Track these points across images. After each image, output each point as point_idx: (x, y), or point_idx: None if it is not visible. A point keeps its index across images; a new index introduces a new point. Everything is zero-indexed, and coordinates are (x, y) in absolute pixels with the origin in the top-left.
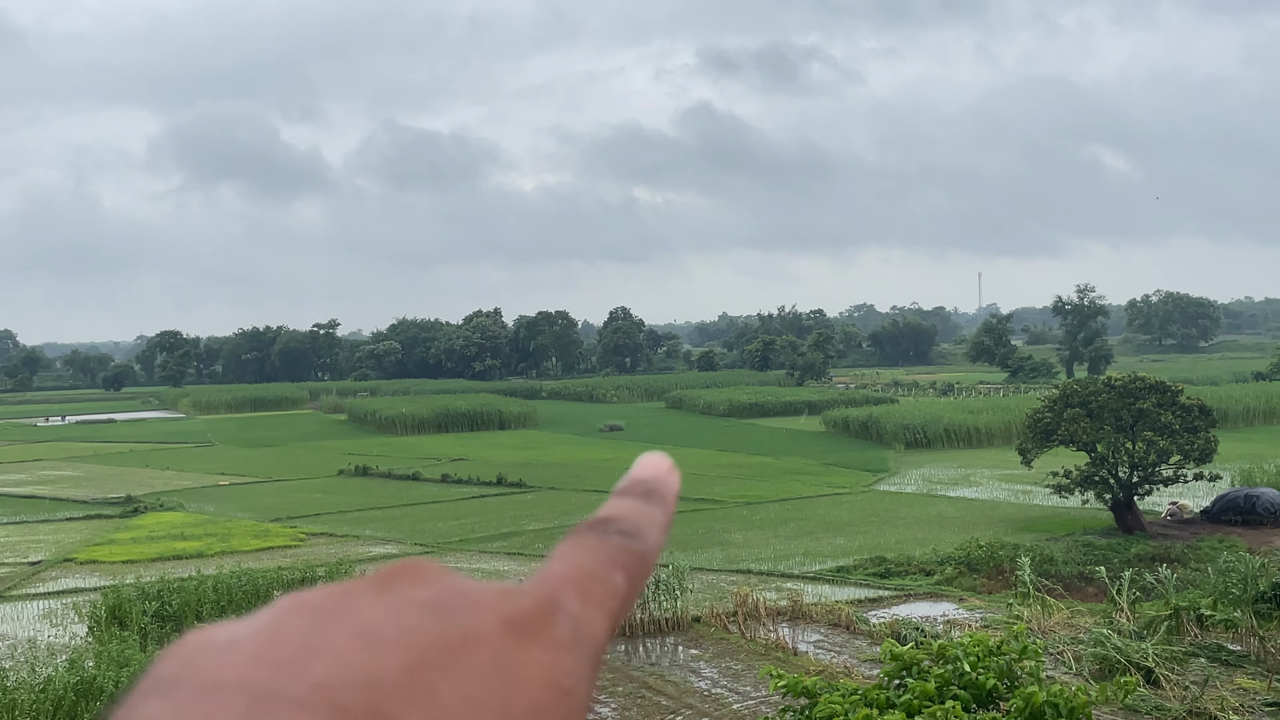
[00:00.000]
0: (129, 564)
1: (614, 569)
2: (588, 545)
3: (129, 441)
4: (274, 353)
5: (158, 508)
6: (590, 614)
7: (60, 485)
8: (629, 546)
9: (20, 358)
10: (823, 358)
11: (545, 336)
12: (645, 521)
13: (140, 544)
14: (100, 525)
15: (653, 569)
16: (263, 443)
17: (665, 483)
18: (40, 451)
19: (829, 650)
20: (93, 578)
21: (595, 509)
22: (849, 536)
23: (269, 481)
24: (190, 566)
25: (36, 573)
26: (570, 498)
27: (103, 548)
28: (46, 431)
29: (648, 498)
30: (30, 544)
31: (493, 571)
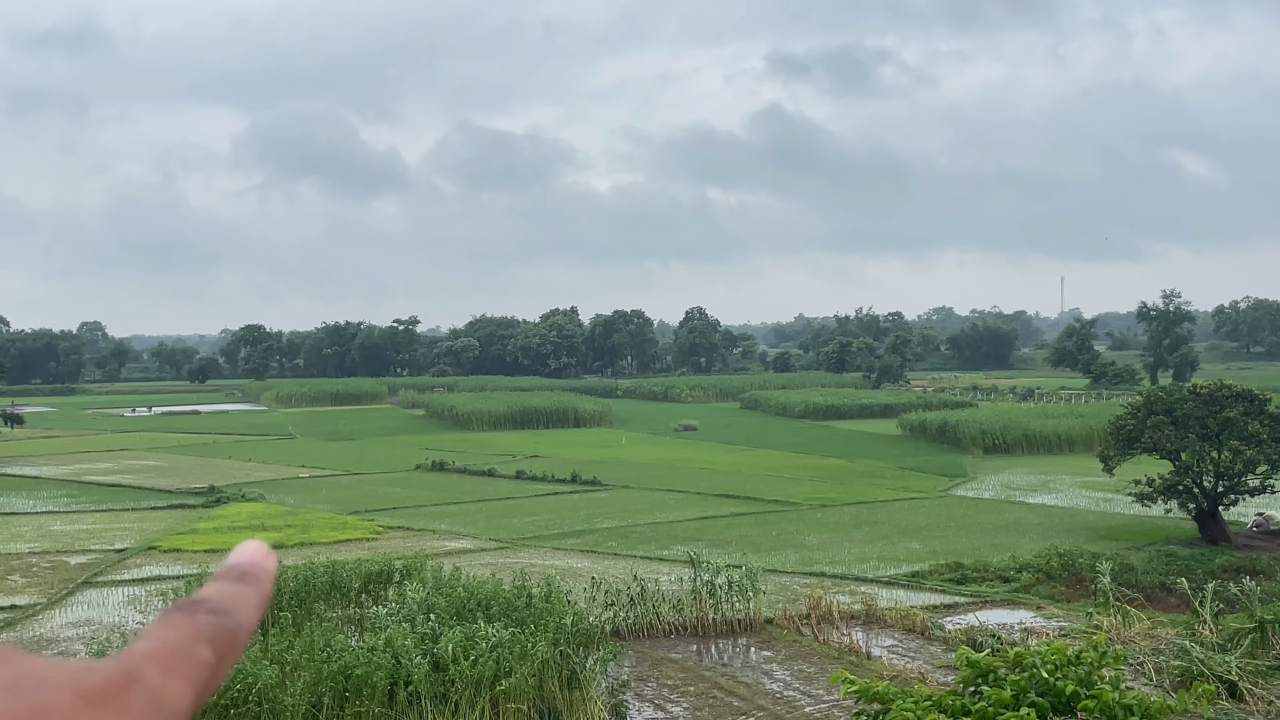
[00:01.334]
0: (211, 553)
1: (200, 644)
2: (174, 623)
3: (212, 433)
4: (354, 348)
5: (239, 498)
6: (172, 685)
7: (145, 475)
8: (217, 623)
9: (109, 349)
10: (900, 360)
11: (621, 335)
12: (236, 601)
13: (222, 533)
14: (184, 515)
15: (245, 643)
16: (342, 436)
17: (261, 566)
18: (127, 441)
19: (903, 656)
20: (176, 566)
21: (665, 507)
22: (925, 541)
23: (347, 475)
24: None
25: (122, 560)
26: (644, 496)
27: (186, 536)
28: (133, 422)
29: (242, 580)
30: (116, 532)
31: (566, 568)
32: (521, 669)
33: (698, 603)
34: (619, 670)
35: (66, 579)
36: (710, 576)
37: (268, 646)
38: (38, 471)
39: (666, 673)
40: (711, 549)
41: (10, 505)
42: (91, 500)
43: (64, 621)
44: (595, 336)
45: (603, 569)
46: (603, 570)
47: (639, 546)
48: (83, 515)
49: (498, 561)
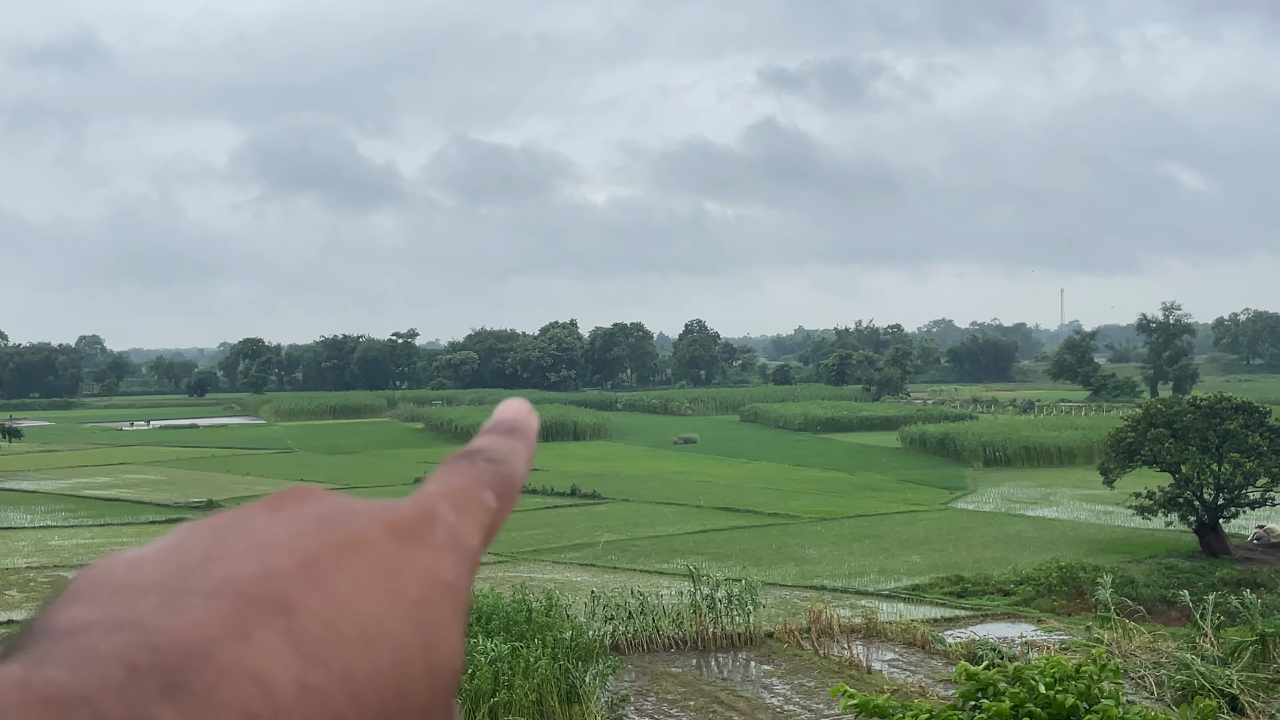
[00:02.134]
0: None
1: (484, 488)
2: (459, 469)
3: (211, 446)
4: (353, 361)
5: None
6: (465, 524)
7: (143, 489)
8: (497, 470)
9: (108, 363)
10: (900, 373)
11: (621, 348)
12: (510, 451)
13: None
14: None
15: (519, 490)
16: (341, 450)
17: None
18: (125, 455)
19: (903, 669)
20: None
21: (665, 521)
22: (925, 554)
23: (347, 488)
24: None
25: None
26: (644, 510)
27: None
28: (131, 435)
29: (511, 434)
30: (114, 546)
31: (565, 582)
32: (521, 683)
33: (697, 616)
34: (619, 684)
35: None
36: (710, 590)
37: None
38: (35, 486)
39: (666, 687)
40: (711, 562)
41: (8, 520)
42: (90, 515)
43: None
44: (595, 349)
45: (602, 582)
46: (602, 584)
47: (639, 560)
48: (81, 530)
49: (497, 575)
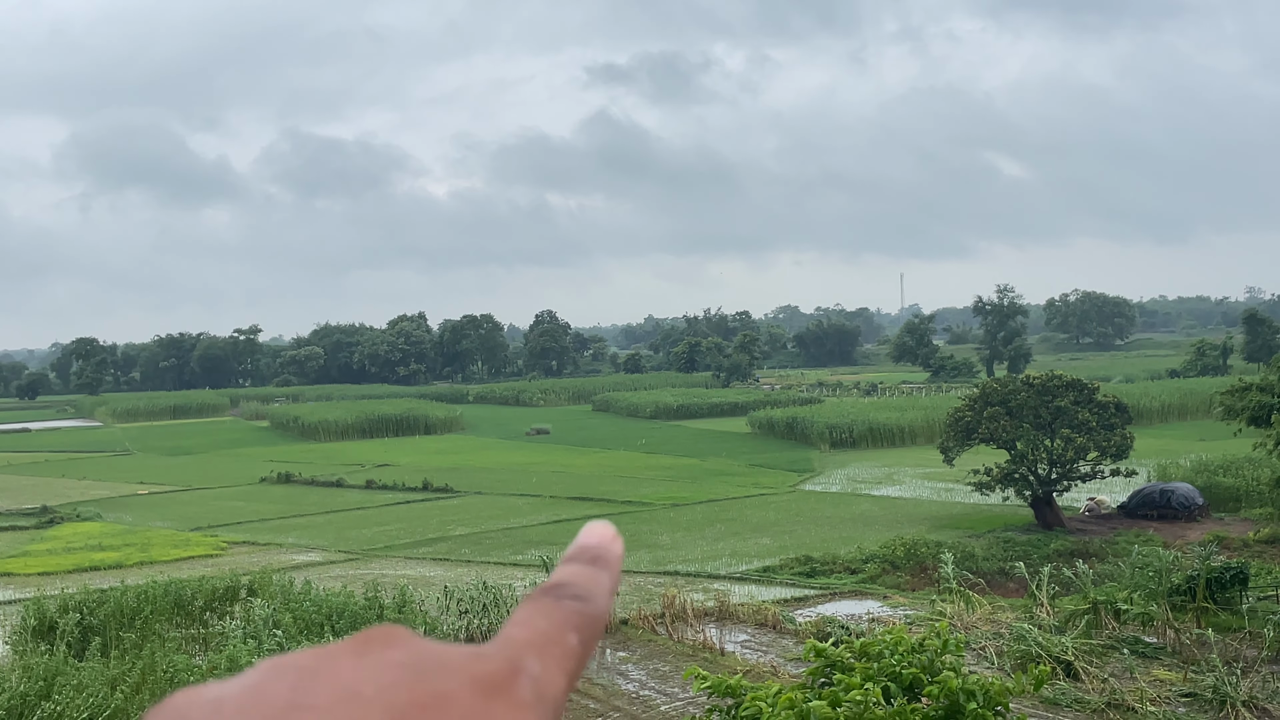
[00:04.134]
0: (45, 575)
1: (569, 631)
2: (544, 610)
3: (44, 451)
4: (193, 359)
5: (75, 518)
6: (550, 674)
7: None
8: (581, 609)
9: None
10: (748, 359)
11: (470, 340)
12: (595, 585)
13: (57, 555)
14: (14, 537)
15: (604, 628)
16: (182, 451)
17: (610, 549)
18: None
19: (756, 650)
20: (7, 590)
21: (518, 512)
22: (775, 536)
23: (189, 490)
24: (109, 578)
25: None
26: (497, 502)
27: (17, 560)
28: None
29: (595, 563)
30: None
31: (418, 578)
32: None
33: None
34: None
35: None
36: None
37: (108, 668)
38: None
39: None
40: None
41: None
42: None
43: None
44: (444, 342)
45: (456, 577)
46: (456, 578)
47: (492, 553)
48: None
49: (349, 573)
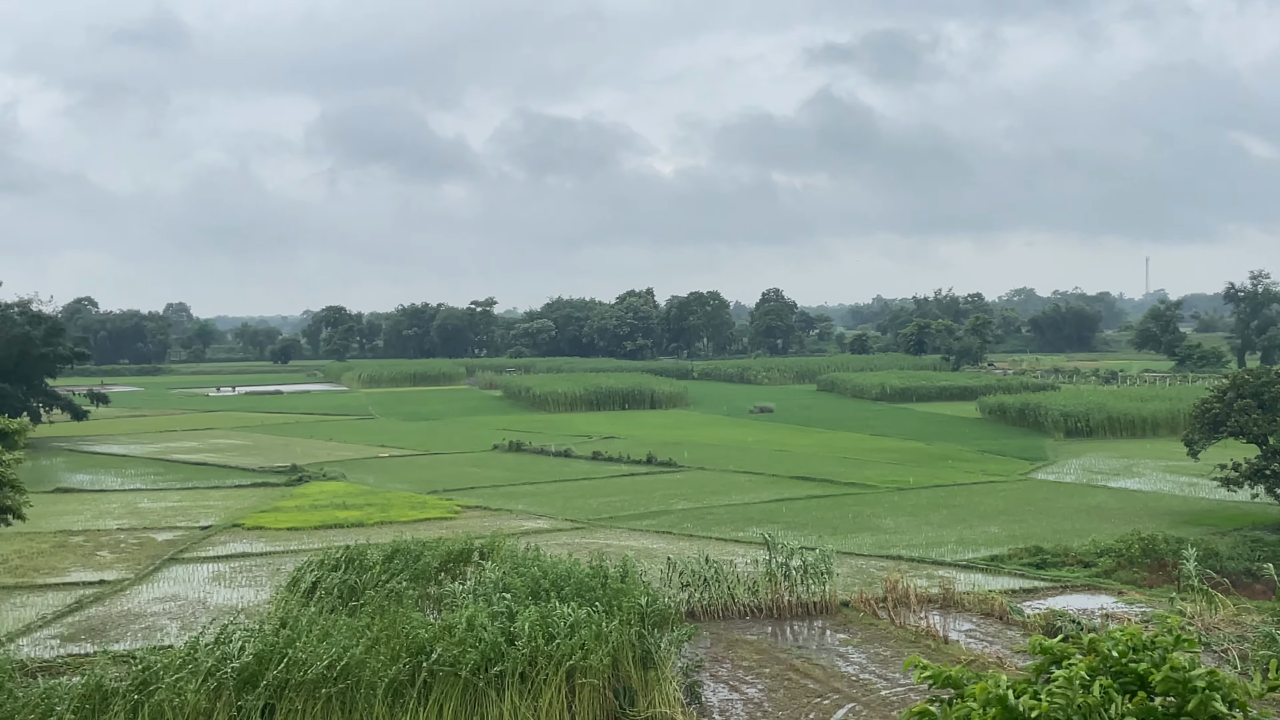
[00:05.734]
0: (293, 531)
1: None
2: None
3: (295, 413)
4: (433, 329)
5: (321, 477)
6: None
7: (230, 454)
8: None
9: (194, 330)
10: (980, 342)
11: (697, 317)
12: None
13: (304, 512)
14: (267, 493)
15: None
16: (421, 417)
17: None
18: (212, 421)
19: (981, 640)
20: (259, 543)
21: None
22: (1004, 525)
23: (426, 454)
24: (351, 535)
25: (207, 537)
26: (719, 478)
27: (269, 514)
28: (218, 402)
29: None
30: (201, 509)
31: (641, 549)
32: (597, 648)
33: (773, 584)
34: (694, 651)
35: (154, 555)
36: (785, 558)
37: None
38: (125, 450)
39: (742, 654)
40: (787, 531)
41: (99, 483)
42: (178, 478)
43: (150, 597)
44: (671, 318)
45: (678, 550)
46: (678, 551)
47: (714, 528)
48: (169, 493)
49: (574, 541)
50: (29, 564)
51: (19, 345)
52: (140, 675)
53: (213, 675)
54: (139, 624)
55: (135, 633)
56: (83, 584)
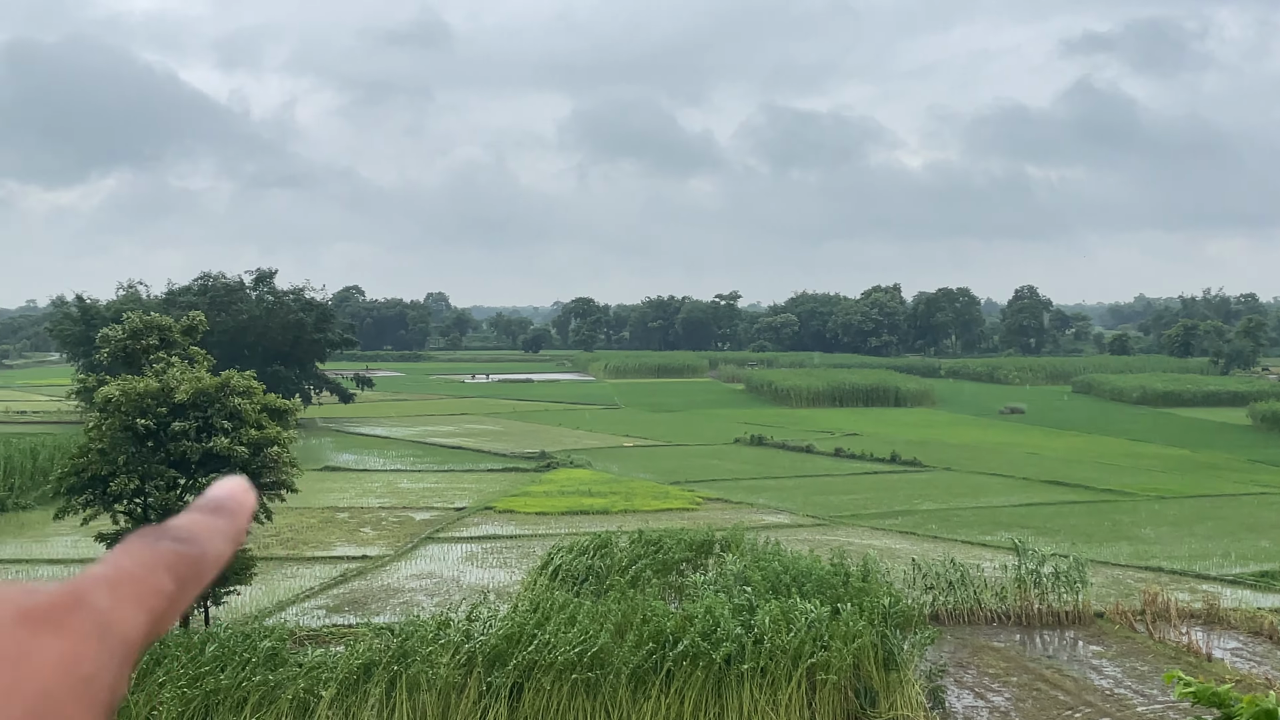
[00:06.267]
0: (541, 515)
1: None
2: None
3: (544, 401)
4: (677, 322)
5: (568, 464)
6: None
7: (483, 438)
8: (181, 551)
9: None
10: (1253, 345)
11: (945, 314)
12: (205, 531)
13: (552, 497)
14: (517, 478)
15: (209, 572)
16: (664, 408)
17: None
18: (466, 406)
19: (1248, 660)
20: (509, 526)
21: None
22: (1276, 540)
23: (669, 445)
24: (596, 522)
25: (461, 518)
26: (966, 479)
27: (518, 498)
28: (472, 388)
29: (215, 511)
30: (456, 491)
31: (884, 549)
32: (839, 647)
33: (1022, 591)
34: (937, 655)
35: (411, 533)
36: (1036, 565)
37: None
38: (387, 432)
39: (987, 661)
40: (1038, 537)
41: (363, 463)
42: (434, 461)
43: (409, 573)
44: (917, 314)
45: (922, 551)
46: (922, 553)
47: (960, 530)
48: (426, 474)
49: (815, 538)
50: (299, 537)
51: (293, 331)
52: (399, 648)
53: (462, 651)
54: (397, 598)
55: (394, 607)
56: (347, 558)
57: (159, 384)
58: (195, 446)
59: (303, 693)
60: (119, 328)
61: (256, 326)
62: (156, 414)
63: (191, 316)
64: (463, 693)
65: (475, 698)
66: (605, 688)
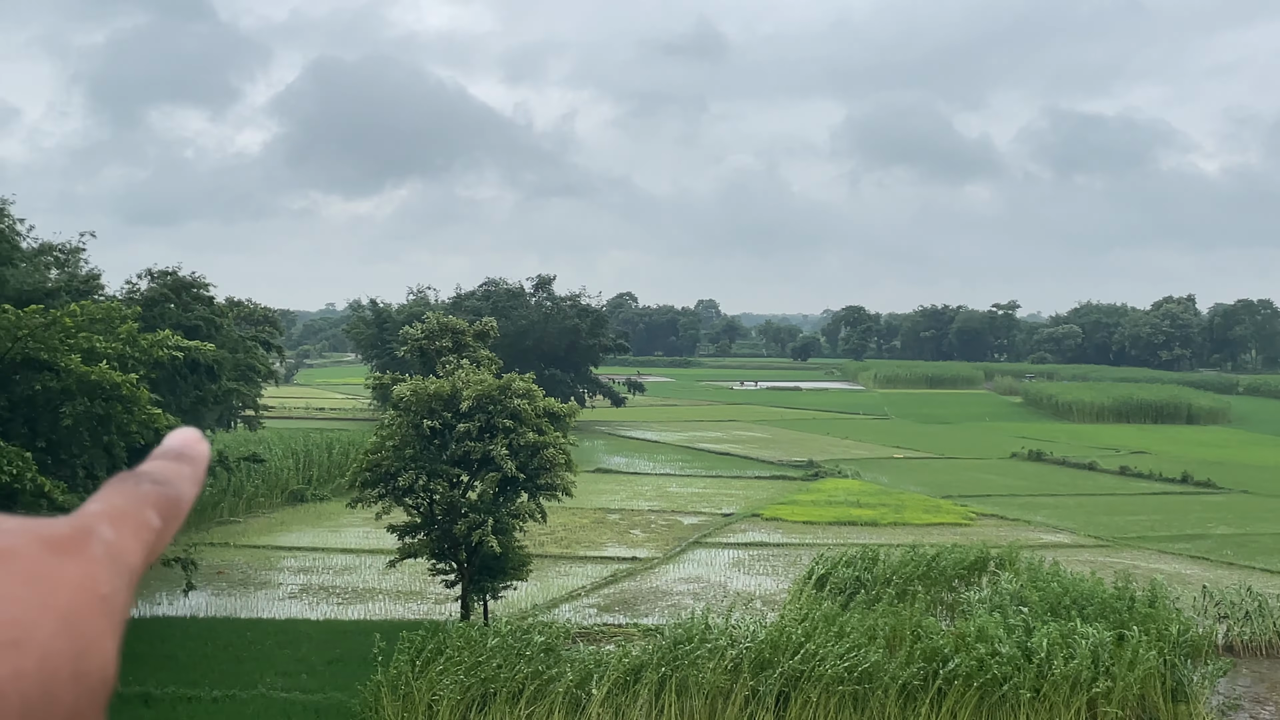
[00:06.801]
0: (809, 524)
1: (147, 508)
2: (123, 490)
3: (812, 409)
4: (951, 332)
5: (835, 474)
6: (125, 541)
7: (750, 445)
8: (161, 491)
9: (721, 326)
10: None
11: (1244, 327)
12: (175, 475)
13: (819, 507)
14: (784, 486)
15: (185, 512)
16: (936, 419)
17: (194, 448)
18: (734, 413)
19: None
20: (776, 534)
21: None
22: None
23: (940, 458)
24: (864, 534)
25: (728, 524)
26: (1267, 503)
27: (785, 507)
28: (740, 395)
29: (178, 458)
30: (723, 497)
31: (1172, 574)
32: (1123, 674)
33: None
34: (1231, 689)
35: (679, 537)
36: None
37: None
38: (657, 436)
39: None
40: None
41: (634, 466)
42: (702, 466)
43: (676, 576)
44: (1214, 327)
45: (1215, 578)
46: (1214, 579)
47: (1258, 557)
48: (694, 479)
49: (1097, 559)
50: (572, 536)
51: (569, 336)
52: (668, 650)
53: (728, 656)
54: (665, 601)
55: (662, 609)
56: (617, 559)
57: (448, 386)
58: (478, 447)
59: (574, 688)
60: (418, 326)
61: (535, 331)
62: (442, 416)
63: (484, 322)
64: (729, 698)
65: (741, 704)
66: (874, 702)
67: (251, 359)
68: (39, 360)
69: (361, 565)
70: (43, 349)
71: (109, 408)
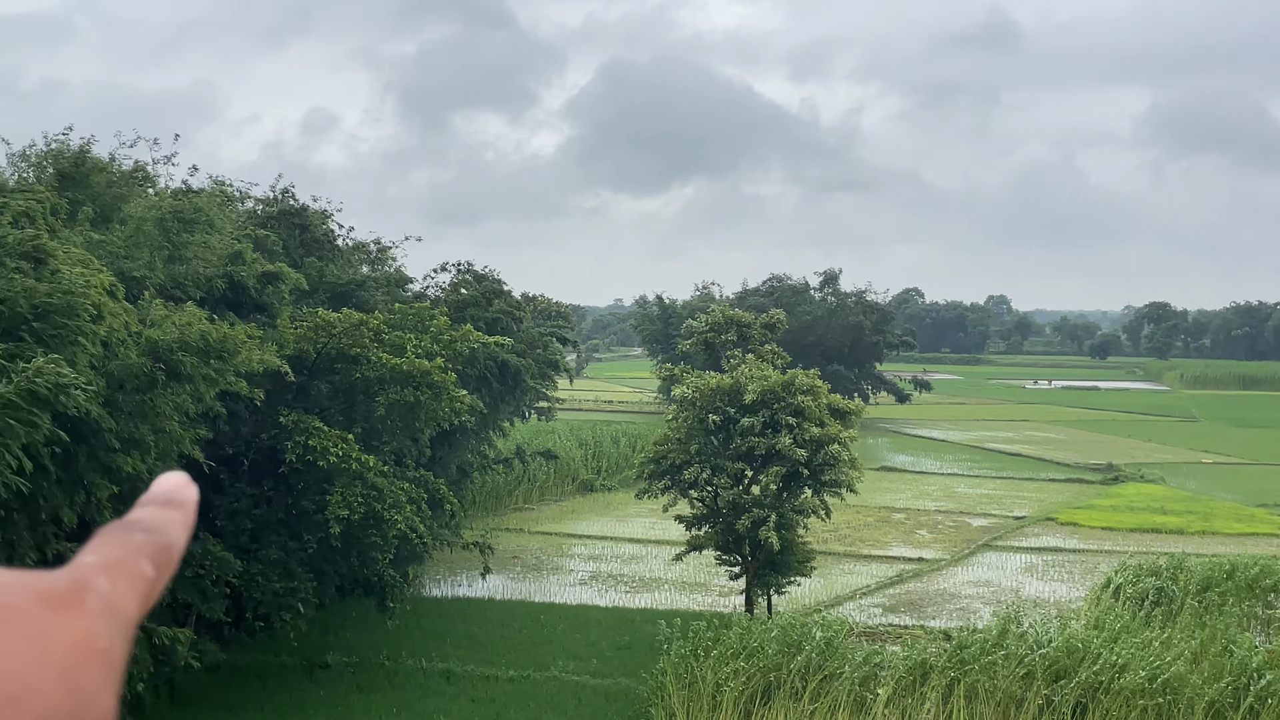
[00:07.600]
0: (1108, 530)
1: (141, 558)
2: (115, 539)
3: (1111, 410)
4: (1268, 329)
5: (1138, 479)
6: (121, 593)
7: (1044, 447)
8: (154, 540)
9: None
10: None
11: None
12: (166, 522)
13: (1119, 512)
14: (1080, 489)
15: (178, 559)
16: (1250, 423)
17: (182, 492)
18: (1027, 413)
19: None
20: (1072, 539)
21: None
22: None
23: (1256, 464)
24: (1168, 542)
25: (1020, 527)
26: None
27: (1082, 511)
28: (1033, 394)
29: (168, 504)
30: (1015, 499)
31: None
32: None
33: None
34: None
35: (968, 540)
36: None
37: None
38: (944, 435)
39: None
40: None
41: (919, 465)
42: (992, 467)
43: (965, 579)
44: None
45: None
46: None
47: None
48: (983, 480)
49: None
50: (856, 535)
51: (853, 333)
52: (957, 654)
53: (1024, 662)
54: (953, 604)
55: (950, 611)
56: (902, 559)
57: (731, 381)
58: (761, 442)
59: (857, 686)
60: (702, 318)
61: (818, 327)
62: (725, 410)
63: (772, 314)
64: (1021, 706)
65: (1035, 713)
66: (1178, 718)
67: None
68: (351, 355)
69: (648, 555)
70: (355, 345)
71: (418, 394)
